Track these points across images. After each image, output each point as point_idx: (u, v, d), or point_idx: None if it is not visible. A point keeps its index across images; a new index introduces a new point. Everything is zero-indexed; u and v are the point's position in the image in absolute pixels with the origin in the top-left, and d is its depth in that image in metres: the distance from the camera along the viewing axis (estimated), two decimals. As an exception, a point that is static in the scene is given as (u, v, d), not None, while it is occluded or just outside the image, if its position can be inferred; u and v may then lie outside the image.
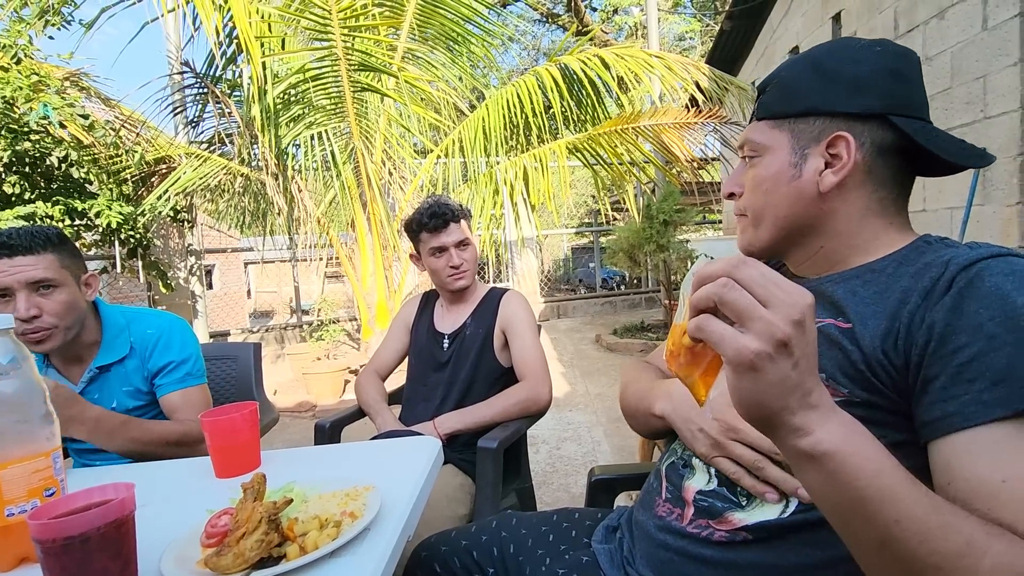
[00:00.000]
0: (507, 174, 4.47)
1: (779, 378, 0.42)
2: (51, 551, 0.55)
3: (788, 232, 0.69)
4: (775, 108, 0.68)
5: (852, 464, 0.43)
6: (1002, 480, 0.46)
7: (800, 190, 0.66)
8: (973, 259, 0.54)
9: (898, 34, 3.84)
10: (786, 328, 0.41)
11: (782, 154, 0.67)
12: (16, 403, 0.69)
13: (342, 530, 0.66)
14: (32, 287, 1.12)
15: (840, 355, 0.59)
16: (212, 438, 0.93)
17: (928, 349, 0.53)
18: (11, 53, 3.39)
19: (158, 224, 4.93)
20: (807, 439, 0.43)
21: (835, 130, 0.64)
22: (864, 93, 0.63)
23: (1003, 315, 0.50)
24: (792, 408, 0.43)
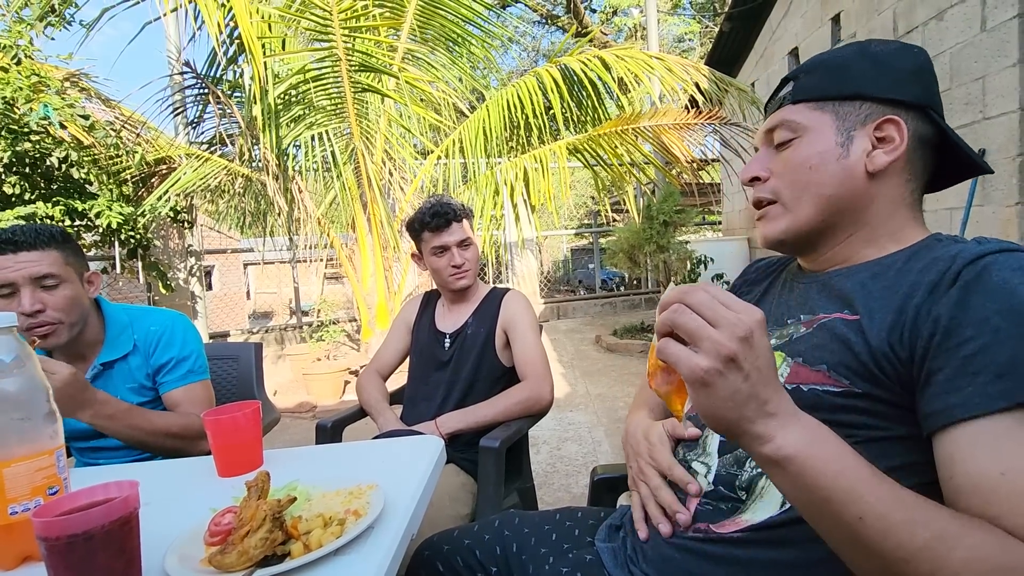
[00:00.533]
0: (507, 175, 4.48)
1: (731, 391, 0.46)
2: (55, 549, 0.55)
3: (829, 214, 0.68)
4: (818, 89, 0.68)
5: (813, 467, 0.46)
6: (1001, 473, 0.47)
7: (849, 168, 0.66)
8: (980, 253, 0.55)
9: (897, 35, 3.85)
10: (732, 345, 0.45)
11: (827, 134, 0.67)
12: (19, 401, 0.69)
13: (346, 528, 0.66)
14: (36, 282, 1.13)
15: (843, 348, 0.60)
16: (215, 437, 0.93)
17: (933, 342, 0.53)
18: (11, 54, 3.39)
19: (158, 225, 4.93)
20: (768, 445, 0.47)
21: (883, 114, 0.65)
22: (913, 84, 0.65)
23: (1009, 308, 0.50)
24: (750, 417, 0.46)
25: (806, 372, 0.62)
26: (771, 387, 0.47)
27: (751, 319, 0.46)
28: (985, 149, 3.15)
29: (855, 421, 0.58)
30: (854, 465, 0.46)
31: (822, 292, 0.68)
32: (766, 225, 0.72)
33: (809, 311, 0.67)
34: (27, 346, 0.73)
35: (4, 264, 1.10)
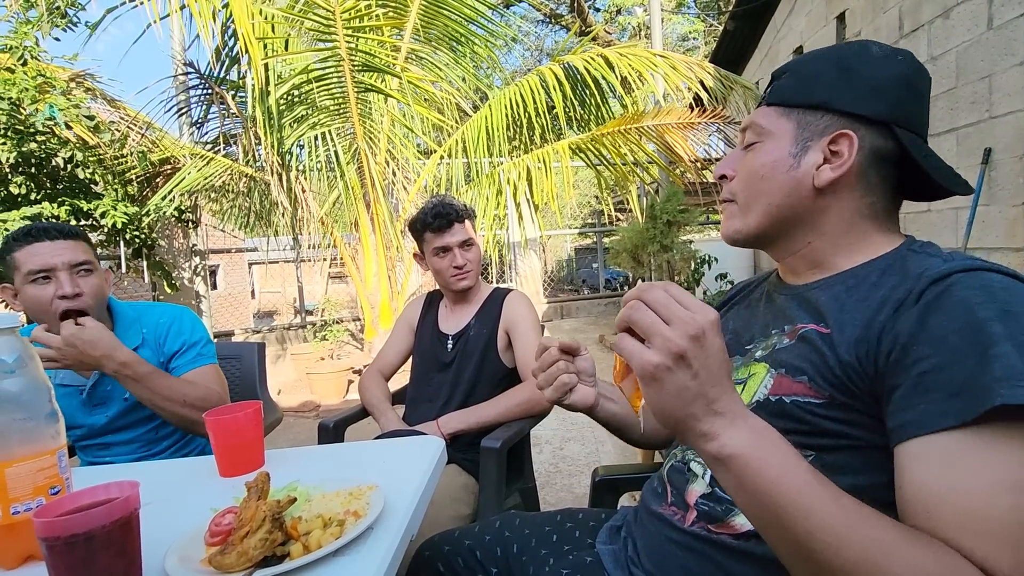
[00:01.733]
0: (510, 174, 4.47)
1: (679, 388, 0.47)
2: (56, 549, 0.55)
3: (778, 222, 0.69)
4: (786, 96, 0.68)
5: (755, 468, 0.46)
6: (949, 488, 0.47)
7: (797, 181, 0.66)
8: (945, 272, 0.54)
9: (903, 33, 3.82)
10: (682, 342, 0.46)
11: (784, 143, 0.67)
12: (21, 401, 0.70)
13: (345, 529, 0.66)
14: (73, 268, 1.19)
15: (819, 359, 0.60)
16: (216, 437, 0.94)
17: (891, 358, 0.53)
18: (17, 55, 3.41)
19: (163, 224, 4.95)
20: (713, 443, 0.47)
21: (840, 127, 0.64)
22: (877, 98, 0.64)
23: (965, 326, 0.50)
24: (697, 415, 0.47)
25: (788, 383, 0.62)
26: (720, 387, 0.48)
27: (704, 319, 0.47)
28: (991, 148, 3.12)
29: (837, 431, 0.58)
30: (795, 470, 0.47)
31: (801, 304, 0.68)
32: (724, 222, 0.75)
33: (790, 321, 0.68)
34: (29, 346, 0.73)
35: (43, 250, 1.16)
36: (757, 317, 0.76)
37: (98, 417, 1.27)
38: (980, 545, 0.44)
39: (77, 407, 1.26)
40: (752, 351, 0.71)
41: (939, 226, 3.58)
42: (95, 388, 1.26)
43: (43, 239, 1.17)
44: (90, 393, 1.26)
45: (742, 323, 0.79)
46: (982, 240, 3.22)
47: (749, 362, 0.70)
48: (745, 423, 0.48)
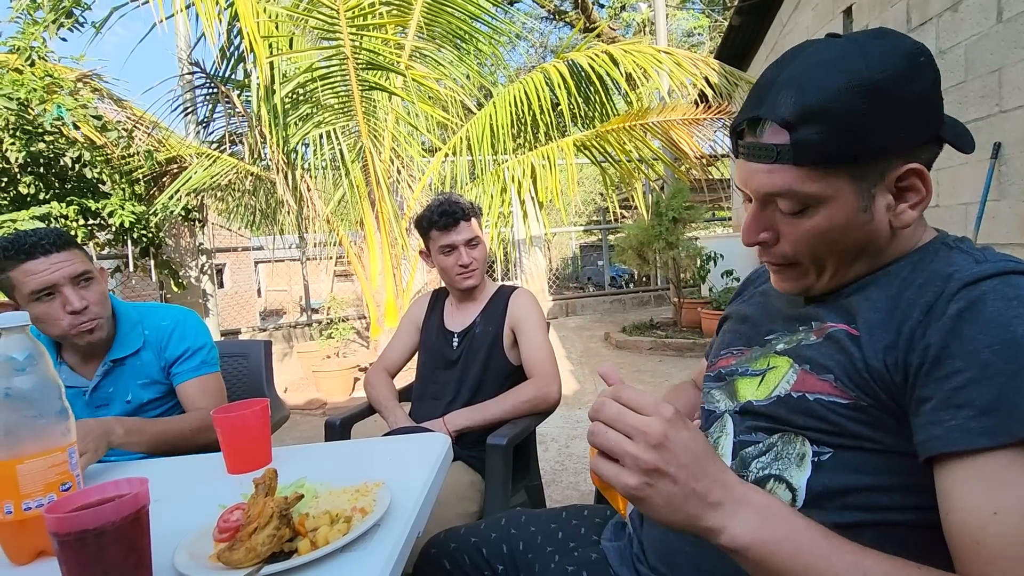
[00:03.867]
0: (515, 171, 4.47)
1: (666, 497, 0.47)
2: (67, 544, 0.56)
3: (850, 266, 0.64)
4: (830, 151, 0.56)
5: (769, 551, 0.47)
6: (993, 513, 0.45)
7: (873, 231, 0.60)
8: (977, 276, 0.52)
9: (911, 27, 3.79)
10: (648, 456, 0.47)
11: (847, 201, 0.58)
12: (33, 399, 0.71)
13: (352, 526, 0.66)
14: (75, 281, 1.16)
15: (847, 360, 0.58)
16: (224, 434, 0.94)
17: (923, 370, 0.52)
18: (25, 55, 3.44)
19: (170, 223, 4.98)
20: (723, 537, 0.48)
21: (903, 163, 0.58)
22: (928, 118, 0.58)
23: (1001, 344, 0.48)
24: (696, 515, 0.48)
25: (812, 380, 0.61)
26: (707, 478, 0.48)
27: (660, 422, 0.48)
28: (1001, 143, 3.09)
29: (859, 432, 0.57)
30: (808, 540, 0.47)
31: (831, 302, 0.66)
32: (782, 282, 0.68)
33: (818, 319, 0.66)
34: (39, 345, 0.74)
35: (40, 268, 1.11)
36: (779, 308, 0.74)
37: None
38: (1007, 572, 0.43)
39: (81, 408, 1.25)
40: (773, 342, 0.69)
41: (947, 221, 3.56)
42: (96, 390, 1.26)
43: (36, 255, 1.11)
44: (91, 395, 1.25)
45: (759, 311, 0.76)
46: (992, 236, 3.19)
47: (768, 353, 0.68)
48: (747, 506, 0.48)
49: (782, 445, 0.62)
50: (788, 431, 0.61)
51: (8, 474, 0.68)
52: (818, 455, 0.58)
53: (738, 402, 0.68)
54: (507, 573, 0.87)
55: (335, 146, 4.03)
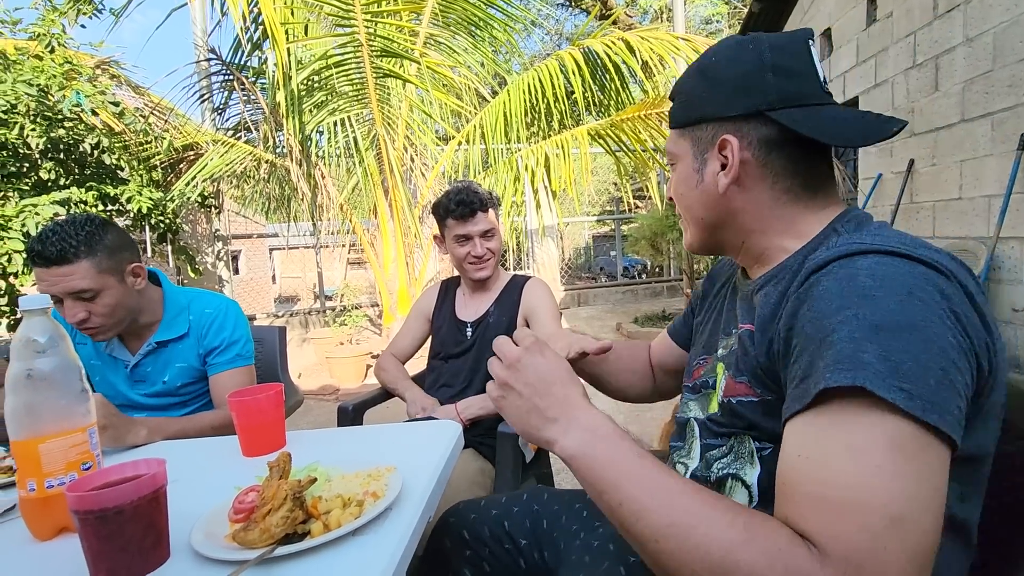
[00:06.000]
0: (528, 160, 4.45)
1: (514, 408, 0.61)
2: (88, 521, 0.57)
3: (709, 230, 0.72)
4: (677, 118, 0.72)
5: (589, 464, 0.55)
6: (798, 455, 0.49)
7: (705, 192, 0.69)
8: (823, 262, 0.54)
9: (937, 14, 3.68)
10: (502, 373, 0.62)
11: (688, 161, 0.70)
12: (54, 380, 0.72)
13: (364, 509, 0.67)
14: (75, 295, 1.14)
15: (751, 360, 0.61)
16: (239, 417, 0.96)
17: (781, 353, 0.56)
18: (45, 42, 3.47)
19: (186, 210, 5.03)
20: (556, 447, 0.58)
21: (723, 133, 0.66)
22: (745, 94, 0.65)
23: (819, 317, 0.50)
24: (536, 426, 0.59)
25: (733, 384, 0.64)
26: (550, 396, 0.59)
27: (519, 350, 0.62)
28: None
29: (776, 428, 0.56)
30: (624, 459, 0.53)
31: (746, 302, 0.69)
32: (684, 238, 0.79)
33: (741, 320, 0.69)
34: (61, 327, 0.75)
35: (42, 276, 1.12)
36: (723, 313, 0.77)
37: (137, 393, 1.31)
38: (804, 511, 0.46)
39: (122, 380, 1.31)
40: (719, 348, 0.73)
41: (970, 215, 3.48)
42: (137, 366, 1.31)
43: (40, 264, 1.11)
44: (133, 369, 1.31)
45: (712, 321, 0.80)
46: (1017, 229, 3.12)
47: (716, 362, 0.72)
48: (580, 425, 0.57)
49: (737, 446, 0.65)
50: (737, 433, 0.65)
51: (31, 453, 0.70)
52: (760, 451, 0.61)
53: (708, 413, 0.71)
54: (530, 547, 0.88)
55: (349, 133, 4.04)
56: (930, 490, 0.44)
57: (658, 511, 0.49)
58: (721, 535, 0.46)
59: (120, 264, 1.21)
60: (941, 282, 0.49)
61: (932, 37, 3.75)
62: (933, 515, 0.44)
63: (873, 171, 4.52)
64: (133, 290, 1.24)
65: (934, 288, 0.48)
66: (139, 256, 1.29)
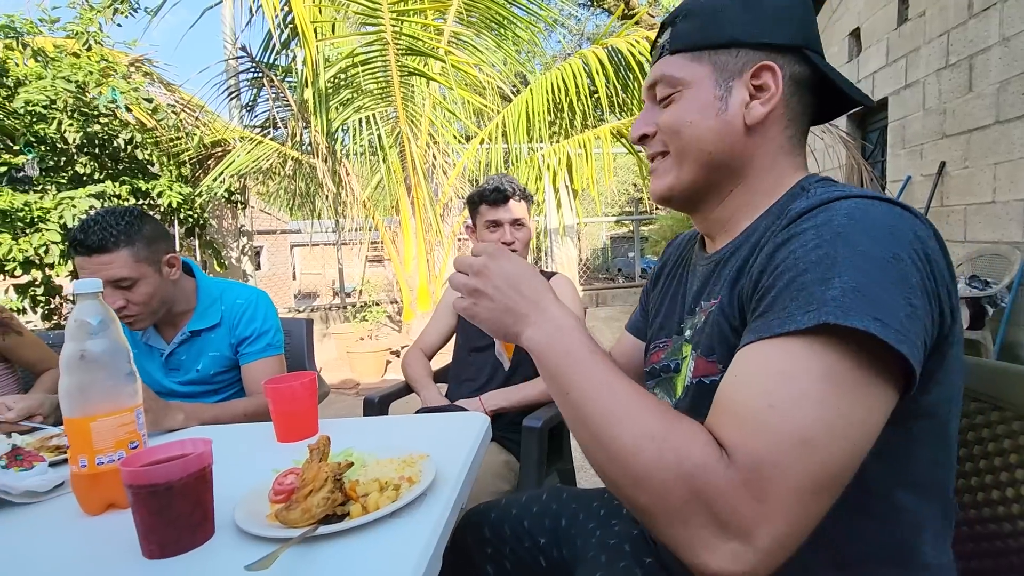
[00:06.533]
0: (550, 160, 4.45)
1: (487, 311, 0.63)
2: (141, 495, 0.60)
3: (712, 170, 0.66)
4: (694, 39, 0.64)
5: (548, 356, 0.58)
6: (734, 376, 0.50)
7: (728, 124, 0.63)
8: (803, 210, 0.53)
9: (972, 13, 3.59)
10: (471, 282, 0.64)
11: (706, 87, 0.63)
12: (105, 361, 0.75)
13: (401, 494, 0.69)
14: (113, 283, 1.18)
15: (721, 335, 0.60)
16: (275, 404, 0.98)
17: (748, 296, 0.55)
18: (83, 40, 3.58)
19: (213, 205, 5.14)
20: (522, 338, 0.61)
21: (759, 60, 0.62)
22: (786, 25, 0.62)
23: (793, 256, 0.50)
24: (508, 323, 0.62)
25: (703, 364, 0.63)
26: (517, 296, 0.61)
27: (483, 257, 0.64)
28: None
29: None
30: (578, 352, 0.56)
31: (713, 274, 0.67)
32: (654, 180, 0.71)
33: (706, 297, 0.67)
34: (111, 311, 0.78)
35: (83, 265, 1.17)
36: (683, 291, 0.75)
37: (171, 381, 1.35)
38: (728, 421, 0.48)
39: (157, 367, 1.35)
40: (684, 330, 0.70)
41: (1003, 219, 3.39)
42: (172, 355, 1.35)
43: (81, 252, 1.16)
44: (168, 358, 1.35)
45: (671, 300, 0.78)
46: None
47: (682, 343, 0.70)
48: (547, 321, 0.59)
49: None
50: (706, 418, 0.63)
51: (83, 430, 0.73)
52: None
53: (675, 398, 0.70)
54: (549, 545, 0.89)
55: (374, 131, 4.08)
56: (853, 422, 0.45)
57: (597, 400, 0.52)
58: (644, 428, 0.49)
59: (157, 254, 1.25)
60: (915, 225, 0.50)
61: (966, 37, 3.66)
62: (850, 445, 0.45)
63: (902, 173, 4.42)
64: (168, 280, 1.28)
65: (908, 229, 0.49)
66: (174, 247, 1.32)
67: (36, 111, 3.31)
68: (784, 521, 0.43)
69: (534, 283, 0.62)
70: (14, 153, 3.36)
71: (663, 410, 0.51)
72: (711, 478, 0.45)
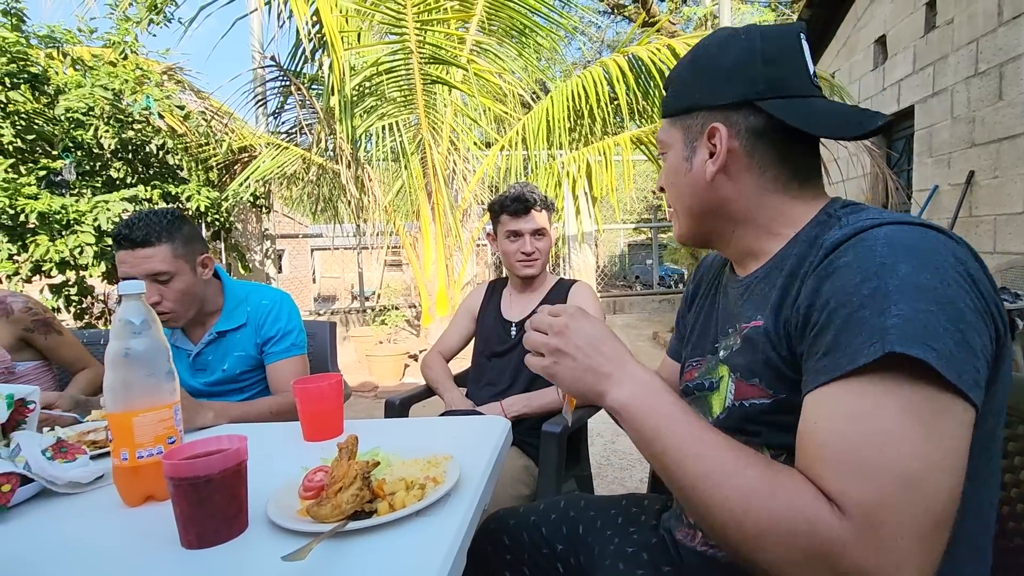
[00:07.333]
0: (569, 167, 4.46)
1: (569, 371, 0.64)
2: (181, 488, 0.63)
3: (700, 219, 0.72)
4: (668, 107, 0.73)
5: (634, 415, 0.58)
6: (814, 422, 0.51)
7: (694, 181, 0.70)
8: (839, 240, 0.55)
9: (1002, 20, 3.53)
10: (552, 341, 0.65)
11: (678, 149, 0.71)
12: (146, 359, 0.78)
13: (427, 493, 0.71)
14: (152, 277, 1.24)
15: (761, 356, 0.61)
16: (302, 404, 1.01)
17: (798, 329, 0.56)
18: (119, 49, 3.71)
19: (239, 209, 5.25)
20: (606, 399, 0.61)
21: (711, 122, 0.67)
22: (731, 83, 0.66)
23: (842, 292, 0.51)
24: (591, 383, 0.62)
25: (744, 387, 0.64)
26: (600, 356, 0.62)
27: (564, 317, 0.65)
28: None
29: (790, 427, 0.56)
30: (667, 412, 0.57)
31: (744, 297, 0.69)
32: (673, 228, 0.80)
33: (738, 319, 0.68)
34: (152, 311, 0.82)
35: (125, 259, 1.23)
36: (716, 311, 0.77)
37: (199, 381, 1.39)
38: (826, 472, 0.47)
39: (184, 368, 1.39)
40: (719, 349, 0.72)
41: (1036, 230, 3.31)
42: (199, 355, 1.39)
43: (124, 247, 1.22)
44: (195, 358, 1.39)
45: (705, 318, 0.79)
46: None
47: (717, 363, 0.71)
48: (631, 380, 0.60)
49: None
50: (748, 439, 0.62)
51: (126, 424, 0.76)
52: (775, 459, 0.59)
53: (713, 415, 0.70)
54: (566, 553, 0.90)
55: (396, 138, 4.15)
56: (945, 451, 0.45)
57: (695, 461, 0.53)
58: (748, 486, 0.49)
59: (193, 253, 1.32)
60: (953, 247, 0.51)
61: (996, 44, 3.60)
62: (950, 475, 0.45)
63: (928, 183, 4.35)
64: (201, 279, 1.34)
65: (948, 252, 0.50)
66: (207, 248, 1.38)
67: (75, 117, 3.44)
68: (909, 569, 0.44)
69: (615, 343, 0.64)
70: (53, 158, 3.49)
71: (761, 462, 0.51)
72: (829, 534, 0.45)
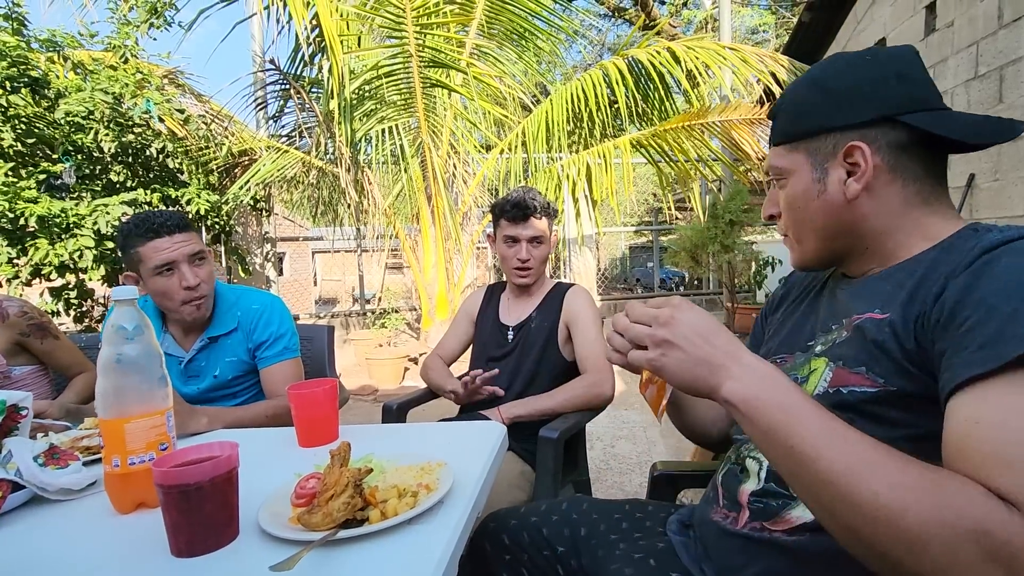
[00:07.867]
0: (569, 170, 4.47)
1: (678, 363, 0.59)
2: (171, 495, 0.62)
3: (831, 240, 0.72)
4: (787, 132, 0.72)
5: (755, 407, 0.54)
6: (976, 422, 0.48)
7: (829, 202, 0.69)
8: (998, 242, 0.55)
9: (1002, 23, 3.53)
10: (660, 332, 0.60)
11: (804, 173, 0.71)
12: (139, 365, 0.78)
13: (419, 500, 0.70)
14: (191, 259, 1.28)
15: (875, 347, 0.61)
16: (297, 409, 1.01)
17: (940, 324, 0.55)
18: (120, 53, 3.72)
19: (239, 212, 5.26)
20: (720, 393, 0.57)
21: (848, 141, 0.66)
22: (869, 101, 0.66)
23: (1003, 287, 0.51)
24: (703, 376, 0.58)
25: (846, 375, 0.64)
26: (710, 346, 0.58)
27: (669, 308, 0.60)
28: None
29: (897, 418, 0.59)
30: (796, 404, 0.53)
31: (860, 294, 0.69)
32: (790, 254, 0.79)
33: (847, 314, 0.68)
34: (146, 317, 0.81)
35: (164, 246, 1.25)
36: (818, 313, 0.76)
37: (191, 388, 1.38)
38: (1001, 474, 0.45)
39: (176, 375, 1.38)
40: (813, 347, 0.72)
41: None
42: (191, 362, 1.38)
43: (163, 234, 1.25)
44: (187, 365, 1.38)
45: (801, 320, 0.79)
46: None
47: (810, 358, 0.71)
48: (748, 371, 0.56)
49: None
50: None
51: (117, 431, 0.76)
52: None
53: None
54: (568, 555, 0.89)
55: (396, 141, 4.15)
56: None
57: (834, 454, 0.49)
58: (901, 479, 0.46)
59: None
60: None
61: (996, 47, 3.59)
62: None
63: (929, 185, 4.34)
64: None
65: None
66: None
67: (75, 121, 3.44)
68: None
69: (727, 334, 0.60)
70: (53, 162, 3.49)
71: (905, 457, 0.49)
72: (1008, 536, 0.42)
